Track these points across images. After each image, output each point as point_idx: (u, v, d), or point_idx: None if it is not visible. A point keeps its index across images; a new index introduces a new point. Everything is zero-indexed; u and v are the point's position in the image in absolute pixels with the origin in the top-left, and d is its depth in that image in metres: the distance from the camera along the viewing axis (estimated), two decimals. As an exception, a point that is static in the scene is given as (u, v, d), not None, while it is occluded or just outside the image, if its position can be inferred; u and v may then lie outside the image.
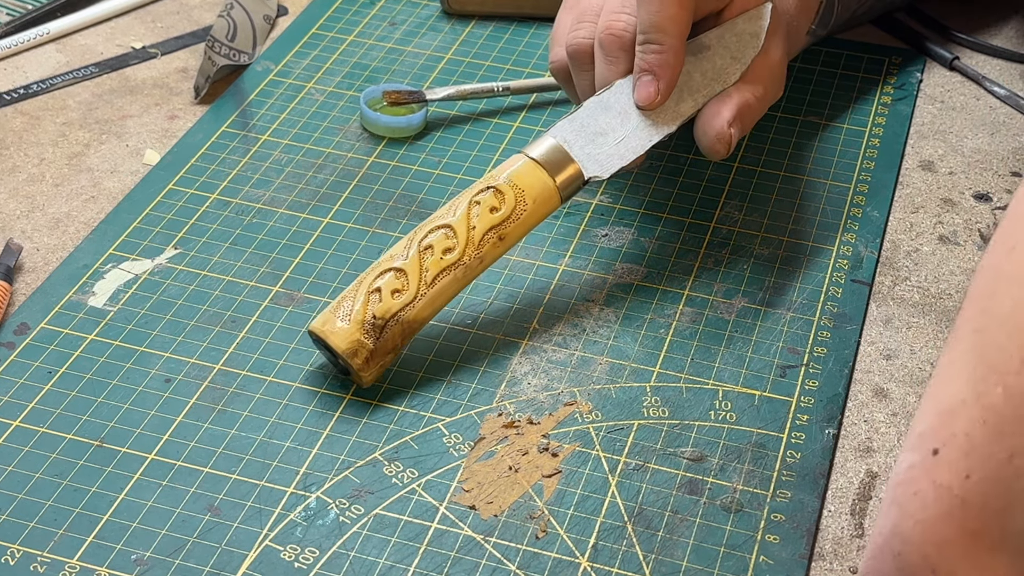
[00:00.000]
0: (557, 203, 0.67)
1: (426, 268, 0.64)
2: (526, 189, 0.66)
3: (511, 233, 0.66)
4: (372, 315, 0.63)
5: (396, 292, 0.64)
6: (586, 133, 0.68)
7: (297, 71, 0.87)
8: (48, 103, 0.84)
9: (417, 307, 0.64)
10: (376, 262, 0.65)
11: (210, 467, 0.61)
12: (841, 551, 0.58)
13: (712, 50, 0.69)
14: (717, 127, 0.68)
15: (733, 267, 0.72)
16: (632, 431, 0.63)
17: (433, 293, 0.64)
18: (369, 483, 0.61)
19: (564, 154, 0.67)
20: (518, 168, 0.67)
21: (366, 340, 0.63)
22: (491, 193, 0.66)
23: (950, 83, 0.86)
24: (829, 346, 0.68)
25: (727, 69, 0.69)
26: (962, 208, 0.77)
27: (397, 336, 0.64)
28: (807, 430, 0.63)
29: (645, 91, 0.68)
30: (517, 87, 0.83)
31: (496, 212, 0.66)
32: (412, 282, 0.64)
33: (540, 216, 0.67)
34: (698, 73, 0.69)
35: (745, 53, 0.69)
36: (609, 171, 0.68)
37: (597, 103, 0.69)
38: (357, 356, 0.63)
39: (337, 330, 0.63)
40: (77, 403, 0.64)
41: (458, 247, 0.65)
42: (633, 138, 0.68)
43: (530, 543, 0.58)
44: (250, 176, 0.78)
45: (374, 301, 0.64)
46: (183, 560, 0.57)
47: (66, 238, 0.74)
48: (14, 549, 0.58)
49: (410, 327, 0.64)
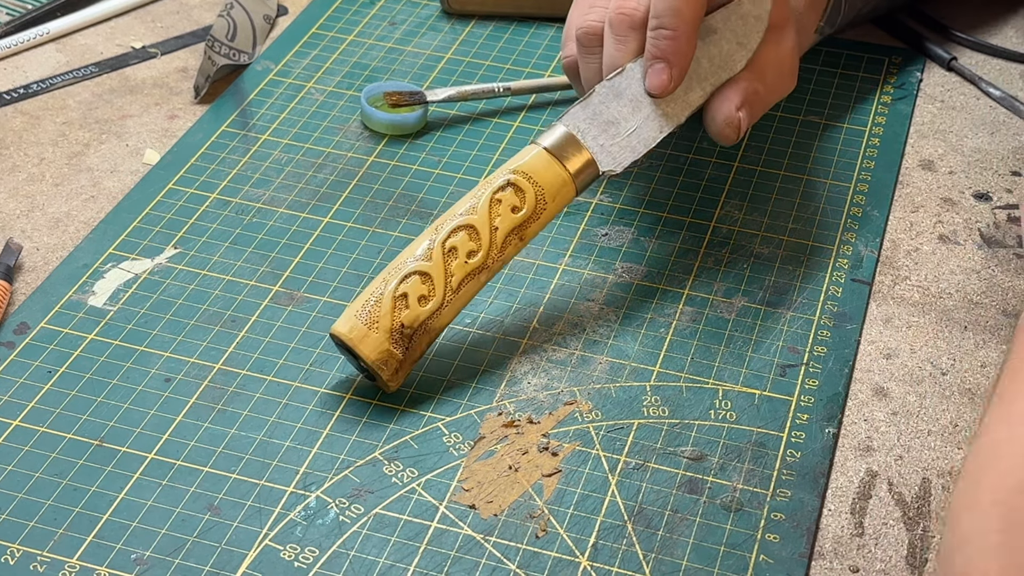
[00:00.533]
0: (572, 197, 0.67)
1: (451, 272, 0.64)
2: (545, 187, 0.66)
3: (530, 232, 0.66)
4: (401, 324, 0.63)
5: (423, 298, 0.63)
6: (599, 122, 0.68)
7: (297, 71, 0.87)
8: (48, 103, 0.84)
9: (444, 314, 0.64)
10: (398, 260, 0.64)
11: (210, 466, 0.61)
12: (841, 550, 0.58)
13: (719, 34, 0.69)
14: (726, 112, 0.68)
15: (733, 267, 0.72)
16: (632, 430, 0.63)
17: (459, 299, 0.64)
18: (369, 482, 0.61)
19: (579, 145, 0.67)
20: (537, 162, 0.66)
21: (395, 350, 0.63)
22: (512, 191, 0.65)
23: (950, 83, 0.86)
24: (829, 345, 0.68)
25: (733, 55, 0.69)
26: (962, 208, 0.77)
27: (424, 344, 0.64)
28: (807, 429, 0.63)
29: (657, 79, 0.68)
30: (518, 88, 0.83)
31: (518, 212, 0.65)
32: (438, 288, 0.64)
33: (557, 212, 0.67)
34: (705, 59, 0.69)
35: (750, 38, 0.69)
36: (622, 165, 0.68)
37: (609, 88, 0.69)
38: (387, 366, 0.63)
39: (367, 339, 0.63)
40: (77, 403, 0.64)
41: (482, 250, 0.64)
42: (644, 129, 0.68)
43: (530, 542, 0.58)
44: (250, 176, 0.78)
45: (401, 307, 0.63)
46: (183, 559, 0.57)
47: (66, 238, 0.74)
48: (14, 549, 0.58)
49: (436, 334, 0.64)
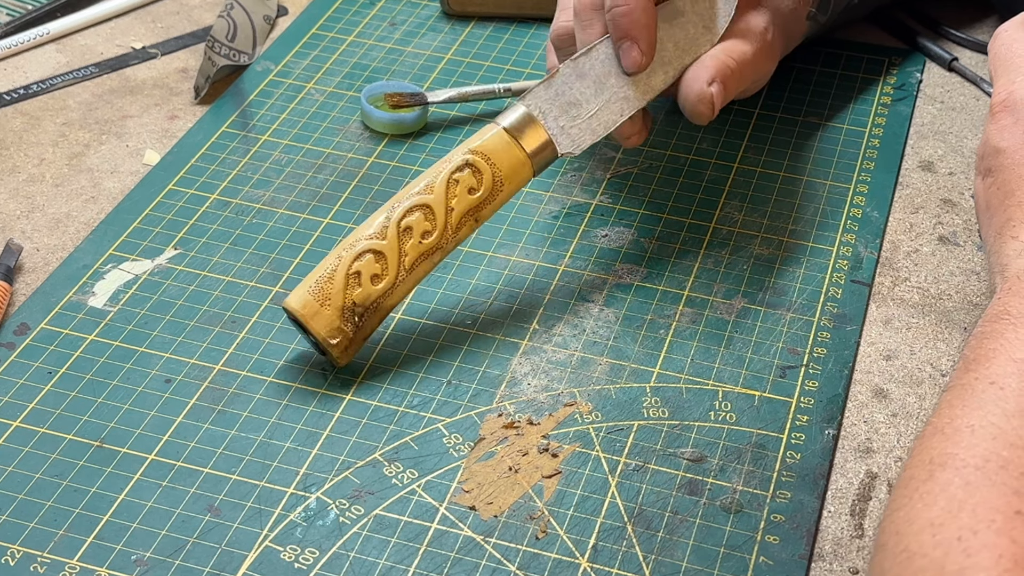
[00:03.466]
0: (530, 178, 0.68)
1: (405, 252, 0.65)
2: (503, 168, 0.67)
3: (485, 214, 0.67)
4: (352, 302, 0.64)
5: (375, 277, 0.65)
6: (560, 103, 0.68)
7: (297, 71, 0.87)
8: (48, 103, 0.84)
9: (395, 293, 0.65)
10: (352, 236, 0.66)
11: (210, 467, 0.61)
12: (841, 551, 0.58)
13: (685, 17, 0.70)
14: (697, 89, 0.69)
15: (733, 267, 0.72)
16: (632, 431, 0.63)
17: (411, 278, 0.66)
18: (369, 484, 0.61)
19: (538, 126, 0.68)
20: (496, 143, 0.67)
21: (346, 328, 0.64)
22: (469, 172, 0.66)
23: (950, 83, 0.86)
24: (829, 346, 0.68)
25: (699, 39, 0.70)
26: (962, 208, 0.77)
27: (375, 322, 0.65)
28: (807, 431, 0.63)
29: (628, 57, 0.69)
30: (518, 89, 0.83)
31: (475, 194, 0.66)
32: (391, 267, 0.65)
33: (513, 193, 0.68)
34: (671, 43, 0.69)
35: (717, 22, 0.70)
36: (581, 147, 0.68)
37: (573, 68, 0.69)
38: (338, 344, 0.64)
39: (318, 315, 0.64)
40: (77, 403, 0.64)
41: (437, 230, 0.65)
42: (606, 112, 0.69)
43: (530, 544, 0.58)
44: (250, 176, 0.78)
45: (353, 286, 0.64)
46: (183, 560, 0.57)
47: (66, 238, 0.74)
48: (14, 549, 0.58)
49: (387, 312, 0.66)
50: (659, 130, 0.81)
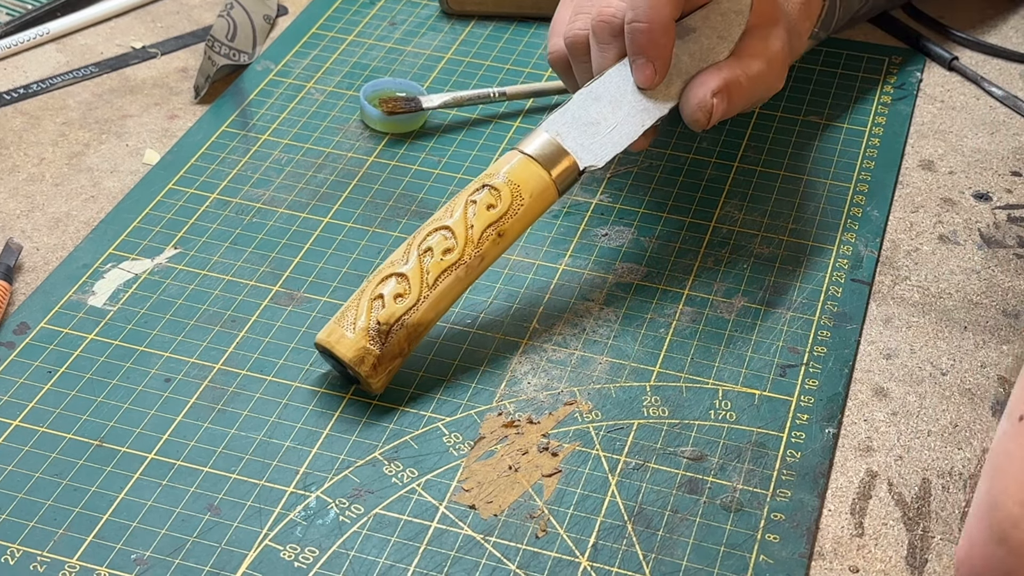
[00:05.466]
0: (554, 196, 0.67)
1: (427, 270, 0.64)
2: (522, 184, 0.66)
3: (510, 229, 0.66)
4: (376, 321, 0.63)
5: (399, 296, 0.64)
6: (578, 124, 0.68)
7: (297, 71, 0.87)
8: (48, 103, 0.84)
9: (421, 310, 0.64)
10: (377, 269, 0.65)
11: (210, 467, 0.61)
12: (841, 550, 0.58)
13: (699, 31, 0.70)
14: (700, 96, 0.68)
15: (733, 267, 0.72)
16: (632, 430, 0.63)
17: (436, 295, 0.64)
18: (369, 483, 0.61)
19: (557, 147, 0.67)
20: (513, 165, 0.67)
21: (372, 347, 0.63)
22: (487, 191, 0.66)
23: (950, 83, 0.86)
24: (829, 345, 0.68)
25: (714, 48, 0.70)
26: (962, 208, 0.77)
27: (403, 340, 0.64)
28: (807, 429, 0.63)
29: (642, 74, 0.69)
30: (513, 93, 0.83)
31: (493, 209, 0.66)
32: (414, 286, 0.64)
33: (539, 210, 0.67)
34: (686, 55, 0.69)
35: (731, 31, 0.70)
36: (604, 159, 0.68)
37: (587, 94, 0.69)
38: (364, 363, 0.63)
39: (343, 340, 0.63)
40: (77, 403, 0.64)
41: (457, 247, 0.65)
42: (626, 124, 0.69)
43: (530, 542, 0.58)
44: (250, 176, 0.78)
45: (377, 307, 0.64)
46: (183, 560, 0.57)
47: (66, 238, 0.74)
48: (14, 549, 0.58)
49: (415, 330, 0.64)
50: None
